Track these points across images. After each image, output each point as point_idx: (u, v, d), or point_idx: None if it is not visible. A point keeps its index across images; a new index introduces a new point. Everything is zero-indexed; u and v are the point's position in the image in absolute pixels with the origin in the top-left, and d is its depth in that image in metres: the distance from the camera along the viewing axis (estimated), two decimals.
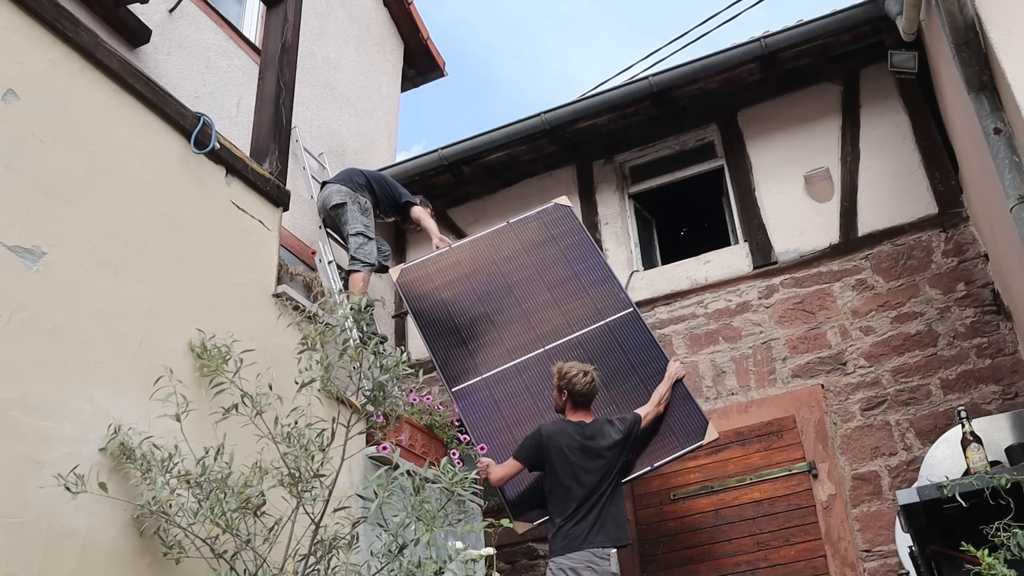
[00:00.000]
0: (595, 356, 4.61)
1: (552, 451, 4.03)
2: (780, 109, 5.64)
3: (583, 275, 4.97)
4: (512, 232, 5.27)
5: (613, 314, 4.81)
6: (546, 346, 4.79)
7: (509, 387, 4.73)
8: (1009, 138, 3.43)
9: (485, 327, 4.95)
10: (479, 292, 5.07)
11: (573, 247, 5.09)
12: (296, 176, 5.49)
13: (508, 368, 4.78)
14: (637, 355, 4.64)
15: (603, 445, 4.06)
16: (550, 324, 4.87)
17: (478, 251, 5.25)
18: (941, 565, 3.11)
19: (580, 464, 3.99)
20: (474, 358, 4.86)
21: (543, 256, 5.11)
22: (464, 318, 4.99)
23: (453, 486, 2.48)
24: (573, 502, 3.92)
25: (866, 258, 5.05)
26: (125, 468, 2.66)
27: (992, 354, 4.55)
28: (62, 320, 2.66)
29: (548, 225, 5.21)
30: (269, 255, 3.70)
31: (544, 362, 4.69)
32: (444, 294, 5.11)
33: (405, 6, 7.48)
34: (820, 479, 4.65)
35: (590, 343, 4.74)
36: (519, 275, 5.07)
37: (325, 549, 2.64)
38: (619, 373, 4.61)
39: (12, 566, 2.28)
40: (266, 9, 4.64)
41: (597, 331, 4.78)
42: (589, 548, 3.83)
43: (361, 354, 2.76)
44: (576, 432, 4.08)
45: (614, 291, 4.89)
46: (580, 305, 4.88)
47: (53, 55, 2.89)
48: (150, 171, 3.19)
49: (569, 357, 4.53)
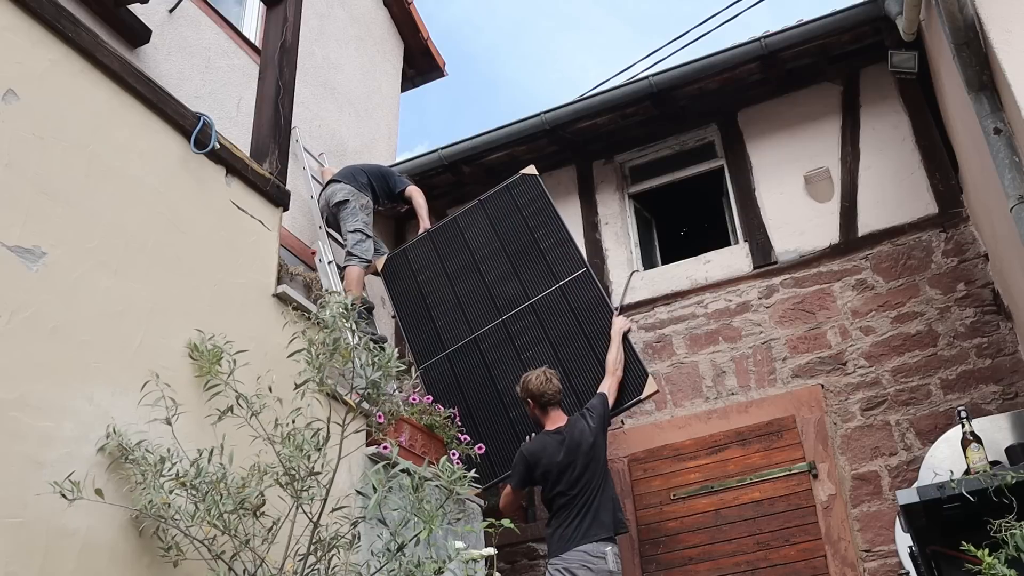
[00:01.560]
0: (545, 319, 4.83)
1: (539, 470, 4.12)
2: (780, 109, 5.64)
3: (542, 240, 5.08)
4: (482, 209, 5.39)
5: (567, 276, 4.90)
6: (503, 316, 4.97)
7: (468, 362, 4.96)
8: (1009, 138, 3.43)
9: (452, 305, 5.18)
10: (450, 272, 5.26)
11: (535, 215, 5.18)
12: (296, 176, 5.49)
13: (467, 342, 5.00)
14: (585, 315, 4.75)
15: (585, 445, 4.12)
16: (508, 294, 5.03)
17: (452, 232, 5.40)
18: (941, 565, 3.11)
19: (567, 473, 4.06)
20: (439, 336, 5.10)
21: (507, 228, 5.23)
22: (434, 298, 5.23)
23: (452, 484, 2.48)
24: (566, 506, 4.02)
25: (866, 258, 5.05)
26: (124, 469, 2.66)
27: (992, 354, 4.55)
28: (62, 320, 2.66)
29: (515, 196, 5.31)
30: (269, 255, 3.70)
31: (500, 332, 4.92)
32: (420, 278, 5.33)
33: (405, 6, 7.49)
34: (820, 479, 4.65)
35: (542, 308, 4.89)
36: (486, 250, 5.23)
37: (324, 548, 2.64)
38: (567, 336, 4.74)
39: (12, 566, 2.28)
40: (266, 9, 4.64)
41: (549, 296, 4.91)
42: (584, 544, 3.91)
43: (353, 353, 2.75)
44: (557, 444, 4.14)
45: (569, 252, 4.97)
46: (536, 271, 5.02)
47: (53, 55, 2.89)
48: (150, 171, 3.19)
49: (523, 324, 4.85)
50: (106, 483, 2.58)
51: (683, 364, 5.27)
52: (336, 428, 2.79)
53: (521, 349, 4.84)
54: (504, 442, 4.64)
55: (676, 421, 5.13)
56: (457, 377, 4.94)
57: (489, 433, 4.70)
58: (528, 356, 4.76)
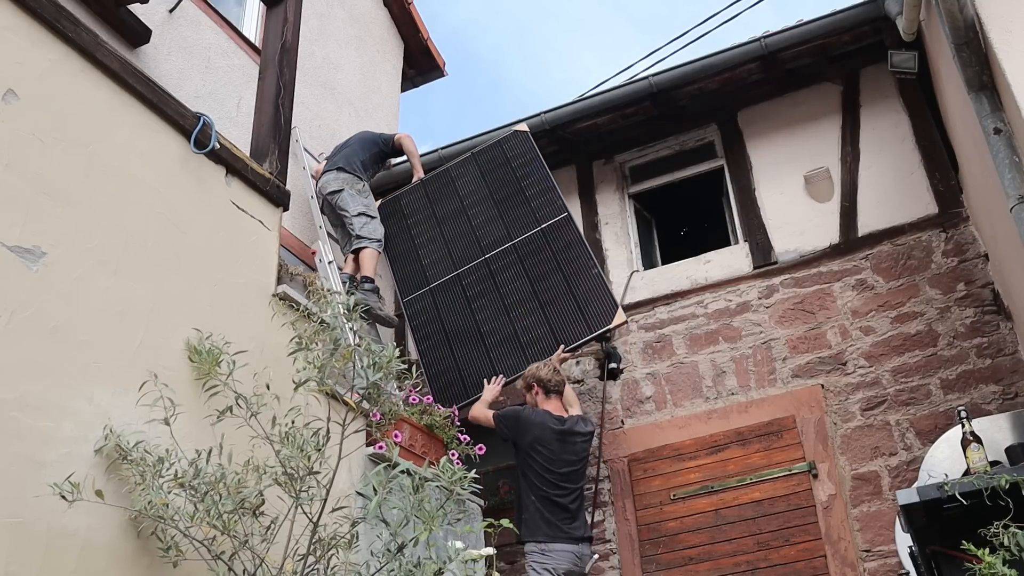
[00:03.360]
0: (526, 258, 5.20)
1: (530, 436, 4.36)
2: (780, 109, 5.64)
3: (528, 188, 5.41)
4: (474, 160, 5.71)
5: (549, 220, 5.24)
6: (486, 255, 5.32)
7: (450, 295, 5.35)
8: (1009, 138, 3.43)
9: (439, 245, 5.53)
10: (439, 216, 5.61)
11: (523, 166, 5.51)
12: (296, 176, 5.49)
13: (450, 278, 5.38)
14: (563, 255, 5.13)
15: (581, 431, 4.48)
16: (493, 235, 5.39)
17: (444, 181, 5.75)
18: (941, 565, 3.11)
19: (558, 451, 4.33)
20: (425, 273, 5.50)
21: (496, 177, 5.58)
22: (423, 239, 5.60)
23: (452, 485, 2.48)
24: (560, 496, 4.21)
25: (866, 258, 5.05)
26: (123, 469, 2.66)
27: (992, 354, 4.55)
28: (62, 320, 2.66)
29: (506, 150, 5.62)
30: (269, 255, 3.70)
31: (483, 269, 5.30)
32: (410, 221, 5.69)
33: (405, 6, 7.48)
34: (820, 479, 4.65)
35: (523, 248, 5.25)
36: (474, 196, 5.59)
37: (324, 548, 2.64)
38: (545, 273, 5.12)
39: (12, 566, 2.28)
40: (266, 9, 4.64)
41: (531, 237, 5.27)
42: (571, 545, 4.16)
43: (354, 353, 2.75)
44: (555, 422, 4.43)
45: (552, 199, 5.30)
46: (521, 215, 5.37)
47: (53, 55, 2.89)
48: (150, 171, 3.19)
49: (505, 262, 5.22)
50: (105, 483, 2.58)
51: (683, 364, 5.27)
52: (336, 428, 2.79)
53: (501, 284, 5.21)
54: (479, 368, 5.03)
55: (676, 421, 5.13)
56: (438, 309, 5.33)
57: (466, 358, 5.11)
58: (507, 290, 5.16)
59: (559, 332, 4.87)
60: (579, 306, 4.92)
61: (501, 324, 5.11)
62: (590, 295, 4.94)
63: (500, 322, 5.12)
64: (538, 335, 4.93)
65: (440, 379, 5.13)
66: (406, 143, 5.80)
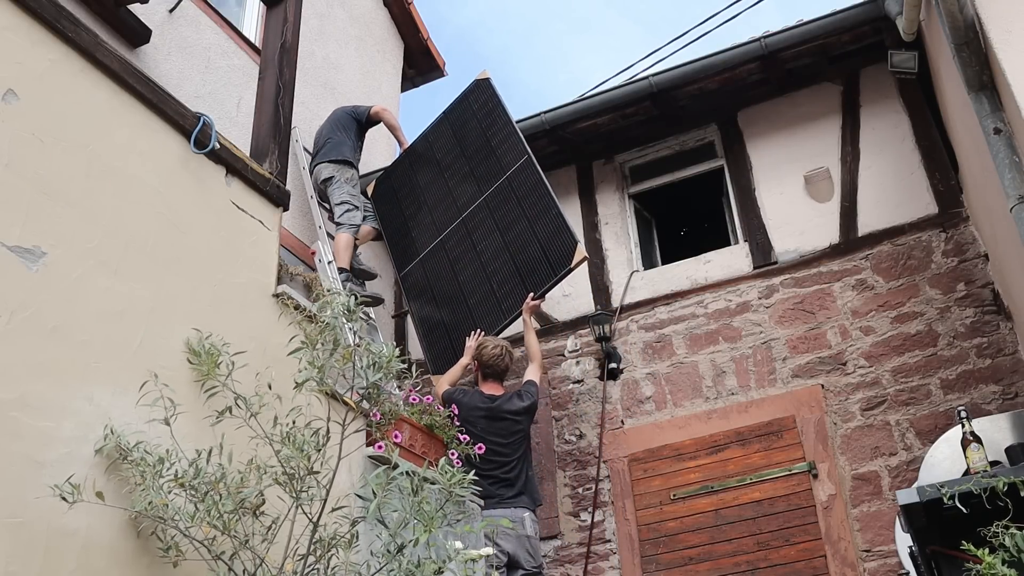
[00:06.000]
0: (496, 210, 5.23)
1: (462, 412, 4.50)
2: (780, 109, 5.64)
3: (492, 138, 5.44)
4: (446, 119, 5.77)
5: (512, 166, 5.25)
6: (462, 215, 5.38)
7: (436, 263, 5.44)
8: (1009, 138, 3.43)
9: (424, 214, 5.60)
10: (422, 184, 5.68)
11: (486, 116, 5.54)
12: (296, 176, 5.50)
13: (435, 245, 5.47)
14: (527, 200, 5.13)
15: (510, 409, 4.60)
16: (467, 194, 5.45)
17: (423, 147, 5.83)
18: (941, 565, 3.11)
19: (486, 429, 4.51)
20: (415, 245, 5.59)
21: (465, 133, 5.62)
22: (410, 211, 5.67)
23: (452, 486, 2.48)
24: (481, 463, 4.33)
25: (866, 258, 5.05)
26: (123, 469, 2.65)
27: (992, 354, 4.55)
28: (62, 320, 2.66)
29: (471, 103, 5.68)
30: (269, 255, 3.70)
31: (461, 230, 5.37)
32: (400, 194, 5.79)
33: (405, 6, 7.49)
34: (820, 479, 4.65)
35: (493, 200, 5.29)
36: (449, 157, 5.63)
37: (324, 548, 2.64)
38: (512, 221, 5.15)
39: (12, 566, 2.28)
40: (266, 9, 4.64)
41: (499, 187, 5.29)
42: (502, 509, 4.30)
43: (354, 353, 2.75)
44: (482, 401, 4.62)
45: (513, 142, 5.31)
46: (489, 167, 5.39)
47: (53, 55, 2.89)
48: (150, 171, 3.19)
49: (478, 219, 5.27)
50: (105, 483, 2.58)
51: (683, 364, 5.27)
52: (336, 428, 2.79)
53: (477, 241, 5.28)
54: (464, 329, 5.10)
55: (676, 421, 5.13)
56: (428, 279, 5.44)
57: (453, 322, 5.20)
58: (483, 247, 5.22)
59: (528, 279, 4.91)
60: (543, 249, 4.93)
61: (479, 282, 5.18)
62: (552, 237, 4.94)
63: (479, 280, 5.19)
64: (512, 287, 4.97)
65: (434, 348, 5.23)
66: (385, 116, 5.89)
